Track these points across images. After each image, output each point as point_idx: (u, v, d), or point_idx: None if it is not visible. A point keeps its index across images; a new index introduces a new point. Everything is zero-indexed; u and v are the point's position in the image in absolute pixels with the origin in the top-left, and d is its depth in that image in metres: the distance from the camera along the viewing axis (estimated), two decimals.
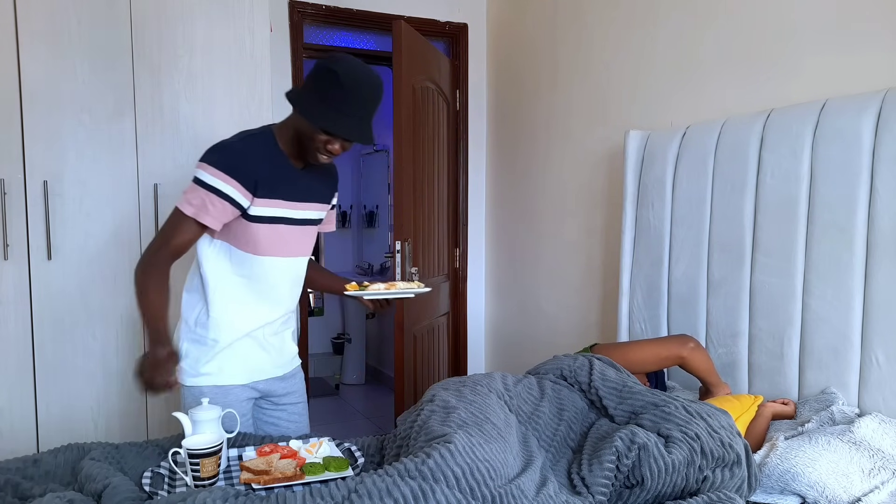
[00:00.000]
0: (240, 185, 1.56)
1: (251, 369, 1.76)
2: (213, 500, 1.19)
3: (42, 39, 2.20)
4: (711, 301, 2.15)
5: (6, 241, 2.20)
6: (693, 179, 2.19)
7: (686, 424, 1.48)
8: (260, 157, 1.60)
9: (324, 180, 1.81)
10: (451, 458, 1.26)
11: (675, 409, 1.54)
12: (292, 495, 1.21)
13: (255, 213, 1.62)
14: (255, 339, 1.75)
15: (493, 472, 1.27)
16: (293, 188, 1.68)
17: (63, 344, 2.29)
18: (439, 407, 1.53)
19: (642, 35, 2.59)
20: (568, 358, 1.85)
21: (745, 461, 1.47)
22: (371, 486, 1.20)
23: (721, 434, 1.48)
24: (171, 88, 2.36)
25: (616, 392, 1.68)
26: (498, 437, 1.40)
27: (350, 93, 1.52)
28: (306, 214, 1.74)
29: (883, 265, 1.69)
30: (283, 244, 1.70)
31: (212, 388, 1.69)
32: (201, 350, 1.70)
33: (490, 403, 1.56)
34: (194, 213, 1.55)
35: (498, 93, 3.64)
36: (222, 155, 1.56)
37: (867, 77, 1.80)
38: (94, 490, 1.34)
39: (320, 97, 1.53)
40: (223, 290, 1.68)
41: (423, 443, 1.38)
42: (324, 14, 3.29)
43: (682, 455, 1.41)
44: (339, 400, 4.81)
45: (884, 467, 1.46)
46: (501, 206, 3.65)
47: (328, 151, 1.60)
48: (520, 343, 3.51)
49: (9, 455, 1.84)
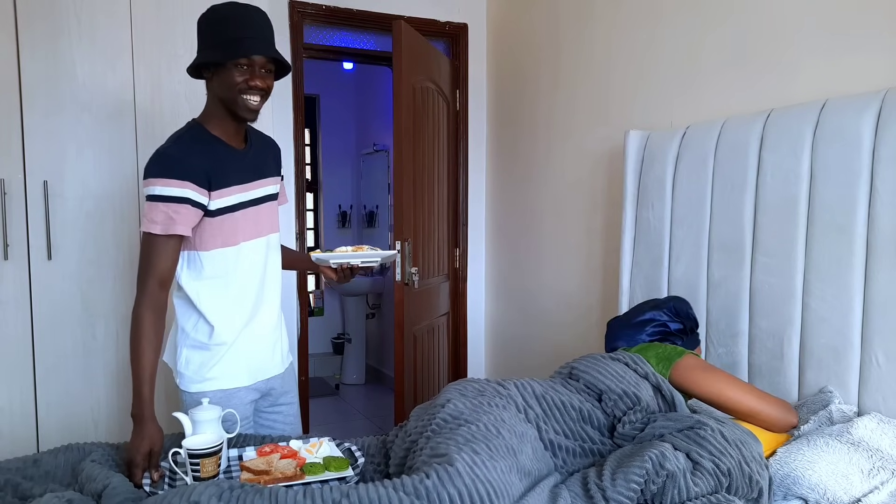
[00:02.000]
0: (193, 184, 1.54)
1: (254, 368, 1.76)
2: (207, 494, 1.19)
3: (42, 39, 2.20)
4: (711, 301, 2.15)
5: (6, 241, 2.20)
6: (693, 179, 2.19)
7: (719, 455, 1.40)
8: (199, 151, 1.59)
9: (267, 154, 1.81)
10: (448, 479, 1.23)
11: (710, 434, 1.44)
12: (284, 491, 1.21)
13: (216, 207, 1.61)
14: (254, 332, 1.74)
15: (495, 493, 1.24)
16: (242, 171, 1.68)
17: (63, 344, 2.29)
18: (451, 417, 1.48)
19: (642, 35, 2.59)
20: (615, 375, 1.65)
21: (766, 497, 1.43)
22: (364, 494, 1.19)
23: (752, 468, 1.41)
24: (171, 88, 2.36)
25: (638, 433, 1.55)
26: (507, 453, 1.36)
27: (233, 19, 1.55)
28: (263, 192, 1.74)
29: (883, 265, 1.68)
30: (253, 226, 1.70)
31: (217, 393, 1.68)
32: (205, 355, 1.68)
33: (505, 417, 1.49)
34: (163, 230, 1.52)
35: (498, 93, 3.64)
36: (164, 164, 1.54)
37: (867, 77, 1.80)
38: (94, 490, 1.34)
39: (211, 40, 1.57)
40: (209, 296, 1.67)
41: (426, 457, 1.36)
42: (324, 14, 3.29)
43: (707, 488, 1.36)
44: (339, 400, 4.81)
45: (883, 467, 1.46)
46: (501, 206, 3.65)
47: (252, 88, 1.58)
48: (520, 343, 3.51)
49: (9, 455, 1.84)
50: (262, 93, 1.60)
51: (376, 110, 5.24)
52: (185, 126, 1.66)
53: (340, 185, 5.66)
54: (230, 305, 1.68)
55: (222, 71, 1.57)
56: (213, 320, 1.67)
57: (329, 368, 5.40)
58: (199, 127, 1.64)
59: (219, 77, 1.59)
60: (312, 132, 5.47)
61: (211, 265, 1.65)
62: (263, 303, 1.75)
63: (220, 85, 1.59)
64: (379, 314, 5.23)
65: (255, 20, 1.58)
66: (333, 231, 5.66)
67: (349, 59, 4.29)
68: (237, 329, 1.70)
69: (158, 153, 1.57)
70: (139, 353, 1.51)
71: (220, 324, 1.67)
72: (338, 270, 1.86)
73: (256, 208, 1.71)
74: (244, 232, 1.68)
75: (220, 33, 1.55)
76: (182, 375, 1.69)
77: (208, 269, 1.65)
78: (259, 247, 1.72)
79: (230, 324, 1.69)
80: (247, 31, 1.55)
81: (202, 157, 1.58)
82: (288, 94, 3.19)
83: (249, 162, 1.70)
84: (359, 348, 5.21)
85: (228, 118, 1.64)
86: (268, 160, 1.79)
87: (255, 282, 1.72)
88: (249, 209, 1.69)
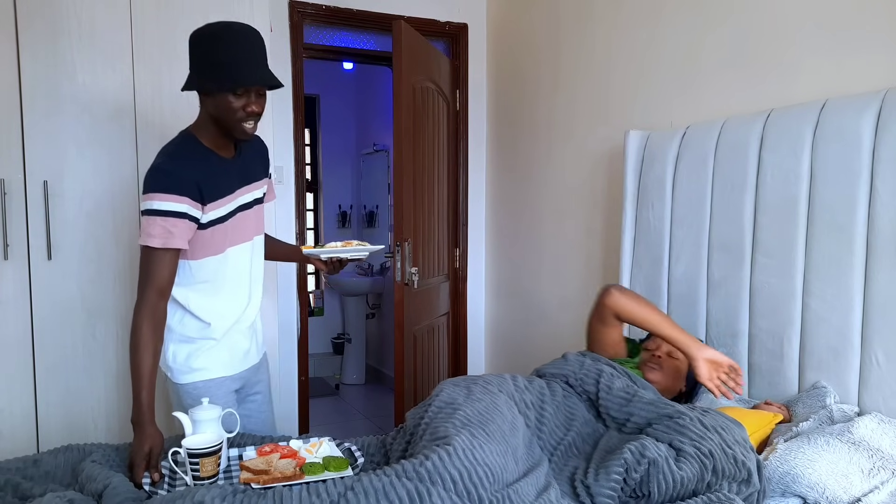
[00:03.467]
0: (189, 199, 1.57)
1: (238, 358, 1.82)
2: (210, 497, 1.19)
3: (42, 39, 2.20)
4: (711, 301, 2.15)
5: (6, 241, 2.20)
6: (693, 179, 2.19)
7: (700, 440, 1.43)
8: (192, 165, 1.61)
9: (255, 158, 1.83)
10: (448, 460, 1.25)
11: (690, 422, 1.48)
12: (289, 493, 1.21)
13: (207, 220, 1.64)
14: (240, 326, 1.81)
15: (492, 475, 1.27)
16: (232, 179, 1.70)
17: (63, 344, 2.29)
18: (445, 403, 1.53)
19: (643, 35, 2.59)
20: (576, 362, 1.79)
21: (756, 477, 1.44)
22: (368, 485, 1.20)
23: (735, 450, 1.43)
24: (171, 89, 2.36)
25: (624, 403, 1.62)
26: (501, 439, 1.39)
27: (228, 42, 1.53)
28: (251, 196, 1.78)
29: (883, 265, 1.69)
30: (240, 232, 1.75)
31: (206, 383, 1.74)
32: (191, 348, 1.73)
33: (498, 403, 1.53)
34: (162, 243, 1.55)
35: (498, 93, 3.64)
36: (162, 179, 1.57)
37: (867, 77, 1.80)
38: (94, 490, 1.35)
39: (208, 64, 1.55)
40: (199, 299, 1.72)
41: (427, 442, 1.39)
42: (324, 14, 3.28)
43: (693, 472, 1.38)
44: (339, 400, 4.81)
45: (883, 467, 1.46)
46: (501, 206, 3.65)
47: (249, 114, 1.59)
48: (520, 343, 3.51)
49: (9, 455, 1.84)
50: (258, 117, 1.63)
51: (376, 110, 5.24)
52: (179, 137, 1.68)
53: (340, 185, 5.66)
54: (220, 306, 1.74)
55: (218, 94, 1.57)
56: (207, 319, 1.72)
57: (329, 368, 5.40)
58: (192, 138, 1.66)
59: (214, 99, 1.58)
60: (312, 132, 5.47)
61: (200, 272, 1.70)
62: (250, 300, 1.82)
63: (215, 107, 1.59)
64: (379, 314, 5.23)
65: (248, 43, 1.56)
66: (333, 231, 5.65)
67: (349, 59, 4.29)
68: (227, 326, 1.76)
69: (155, 168, 1.59)
70: (138, 360, 1.55)
71: (212, 322, 1.73)
72: (328, 263, 1.95)
73: (243, 214, 1.75)
74: (231, 238, 1.72)
75: (213, 59, 1.53)
76: (171, 369, 1.75)
77: (197, 275, 1.70)
78: (245, 250, 1.77)
79: (221, 322, 1.75)
80: (241, 56, 1.54)
81: (196, 171, 1.61)
82: (288, 94, 3.19)
83: (238, 170, 1.73)
84: (359, 348, 5.21)
85: (220, 134, 1.65)
86: (256, 163, 1.82)
87: (241, 283, 1.78)
88: (237, 216, 1.73)
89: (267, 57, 1.62)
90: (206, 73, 1.55)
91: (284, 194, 3.19)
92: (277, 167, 3.08)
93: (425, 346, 3.30)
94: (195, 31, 1.57)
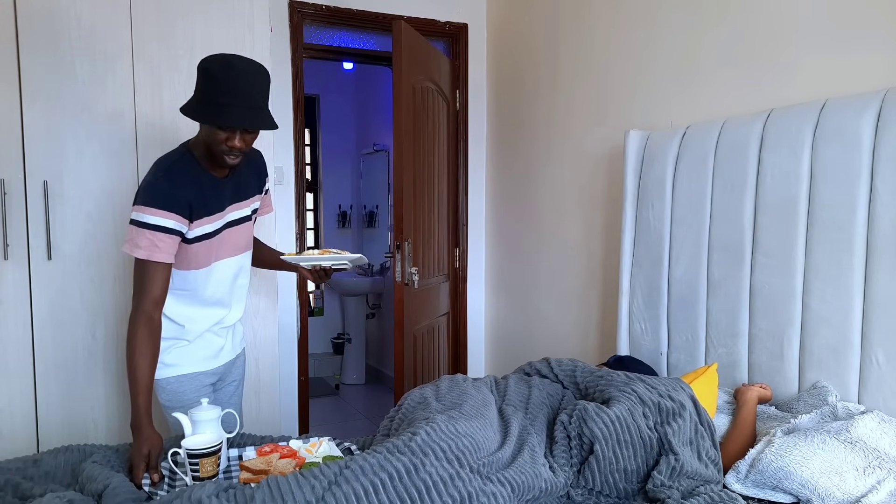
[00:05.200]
0: (177, 215, 1.62)
1: (212, 355, 1.87)
2: (206, 494, 1.19)
3: (42, 39, 2.20)
4: (711, 301, 2.15)
5: (6, 241, 2.20)
6: (693, 179, 2.19)
7: (624, 385, 1.67)
8: (186, 182, 1.66)
9: (252, 174, 1.86)
10: (435, 434, 1.36)
11: (616, 377, 1.73)
12: (284, 479, 1.22)
13: (193, 236, 1.69)
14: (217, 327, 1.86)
15: (476, 444, 1.39)
16: (223, 198, 1.75)
17: (63, 344, 2.29)
18: (416, 402, 1.65)
19: (642, 35, 2.59)
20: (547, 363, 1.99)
21: (691, 407, 1.61)
22: (362, 462, 1.25)
23: (659, 388, 1.65)
24: (171, 88, 2.36)
25: (570, 374, 1.89)
26: (477, 414, 1.54)
27: (224, 82, 1.54)
28: (241, 213, 1.82)
29: (883, 265, 1.69)
30: (227, 247, 1.79)
31: (177, 378, 1.79)
32: (164, 344, 1.75)
33: (466, 390, 1.70)
34: (147, 255, 1.60)
35: (498, 93, 3.64)
36: (153, 194, 1.62)
37: (867, 77, 1.80)
38: (94, 490, 1.35)
39: (202, 96, 1.58)
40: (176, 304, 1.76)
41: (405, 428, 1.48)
42: (324, 14, 3.29)
43: (623, 407, 1.55)
44: (339, 400, 4.81)
45: (879, 466, 1.45)
46: (501, 206, 3.65)
47: (231, 148, 1.62)
48: (520, 343, 3.51)
49: (9, 455, 1.84)
50: (241, 153, 1.65)
51: (376, 110, 5.24)
52: (177, 153, 1.71)
53: (340, 185, 5.66)
54: (197, 314, 1.80)
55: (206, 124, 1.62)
56: (182, 322, 1.78)
57: (329, 368, 5.40)
58: (189, 156, 1.70)
59: (205, 127, 1.63)
60: (312, 132, 5.47)
61: (182, 281, 1.75)
62: (230, 310, 1.87)
63: (206, 132, 1.64)
64: (379, 314, 5.23)
65: (247, 87, 1.57)
66: (333, 231, 5.65)
67: (349, 59, 4.28)
68: (200, 331, 1.82)
69: (151, 184, 1.63)
70: (133, 366, 1.59)
71: (186, 325, 1.78)
72: (312, 272, 1.97)
73: (231, 230, 1.79)
74: (217, 253, 1.77)
75: (210, 95, 1.56)
76: None
77: (178, 284, 1.74)
78: (230, 265, 1.82)
79: (195, 326, 1.80)
80: (238, 100, 1.55)
81: (186, 188, 1.65)
82: (288, 94, 3.19)
83: (231, 187, 1.77)
84: (359, 348, 5.21)
85: (209, 156, 1.68)
86: (251, 179, 1.85)
87: (223, 295, 1.83)
88: (225, 232, 1.77)
89: (267, 98, 1.64)
90: (200, 105, 1.59)
91: (284, 194, 3.19)
92: (277, 167, 3.08)
93: (425, 346, 3.30)
94: (203, 61, 1.59)
